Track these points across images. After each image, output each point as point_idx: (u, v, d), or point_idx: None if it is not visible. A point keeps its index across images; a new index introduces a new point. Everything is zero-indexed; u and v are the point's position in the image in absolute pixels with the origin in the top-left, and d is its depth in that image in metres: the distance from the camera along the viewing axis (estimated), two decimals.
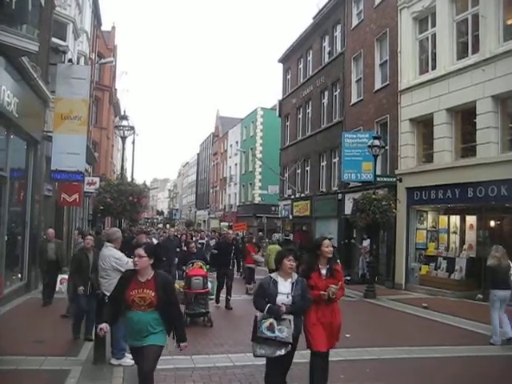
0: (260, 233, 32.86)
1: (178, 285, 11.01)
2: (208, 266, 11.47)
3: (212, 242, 22.46)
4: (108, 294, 6.99)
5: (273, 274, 5.54)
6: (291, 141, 31.24)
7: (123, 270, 7.05)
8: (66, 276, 10.49)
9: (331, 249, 5.75)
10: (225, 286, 12.87)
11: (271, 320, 5.19)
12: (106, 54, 33.79)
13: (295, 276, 5.46)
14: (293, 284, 5.37)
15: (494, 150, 14.06)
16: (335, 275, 5.71)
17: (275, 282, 5.38)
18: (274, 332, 5.16)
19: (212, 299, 11.11)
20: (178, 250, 15.76)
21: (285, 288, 5.34)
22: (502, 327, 9.06)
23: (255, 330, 5.28)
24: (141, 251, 4.75)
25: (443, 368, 7.41)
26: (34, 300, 12.20)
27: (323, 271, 5.70)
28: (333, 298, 5.54)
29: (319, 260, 5.73)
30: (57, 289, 11.77)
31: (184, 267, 11.01)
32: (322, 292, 5.49)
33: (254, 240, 17.82)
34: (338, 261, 6.42)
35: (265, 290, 5.37)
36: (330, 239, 6.18)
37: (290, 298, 5.30)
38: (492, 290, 9.23)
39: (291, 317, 5.23)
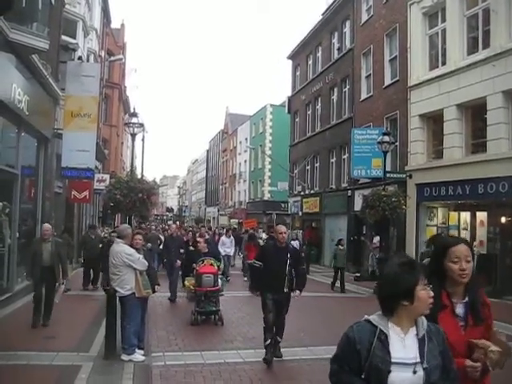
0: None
1: (188, 282, 10.78)
2: (220, 263, 10.91)
3: (227, 242, 18.90)
4: (119, 291, 7.06)
5: (373, 318, 2.42)
6: (301, 137, 31.18)
7: (135, 265, 7.13)
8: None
9: (468, 265, 2.79)
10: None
11: None
12: (115, 52, 33.90)
13: (423, 322, 2.43)
14: (422, 340, 2.38)
15: (504, 146, 13.96)
16: (483, 317, 2.82)
17: (383, 338, 2.36)
18: None
19: (222, 295, 10.33)
20: (181, 251, 13.33)
21: (406, 350, 2.34)
22: None
23: None
24: None
25: None
26: None
27: (458, 310, 2.81)
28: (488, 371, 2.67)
29: (446, 286, 2.81)
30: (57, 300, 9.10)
31: (194, 264, 10.45)
32: (470, 363, 2.60)
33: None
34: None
35: (360, 354, 2.35)
36: (469, 245, 2.96)
37: (421, 372, 2.30)
38: None
39: None
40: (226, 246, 18.61)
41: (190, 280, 10.73)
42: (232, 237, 19.78)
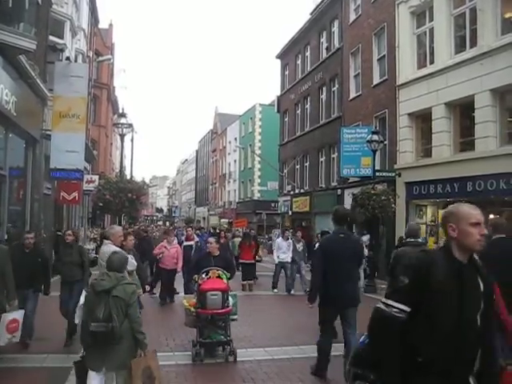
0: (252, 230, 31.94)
1: (188, 302, 7.92)
2: (229, 275, 7.86)
3: (283, 246, 14.89)
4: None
5: None
6: (290, 137, 31.24)
7: None
8: (19, 316, 6.61)
9: None
10: None
11: None
12: (103, 52, 33.75)
13: None
14: None
15: (492, 144, 14.06)
16: None
17: None
18: None
19: (235, 319, 7.82)
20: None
21: None
22: None
23: None
24: None
25: None
26: None
27: None
28: None
29: None
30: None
31: (196, 276, 7.70)
32: None
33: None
34: None
35: None
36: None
37: None
38: None
39: None
40: (282, 250, 14.82)
41: (189, 299, 8.03)
42: (289, 239, 15.19)
